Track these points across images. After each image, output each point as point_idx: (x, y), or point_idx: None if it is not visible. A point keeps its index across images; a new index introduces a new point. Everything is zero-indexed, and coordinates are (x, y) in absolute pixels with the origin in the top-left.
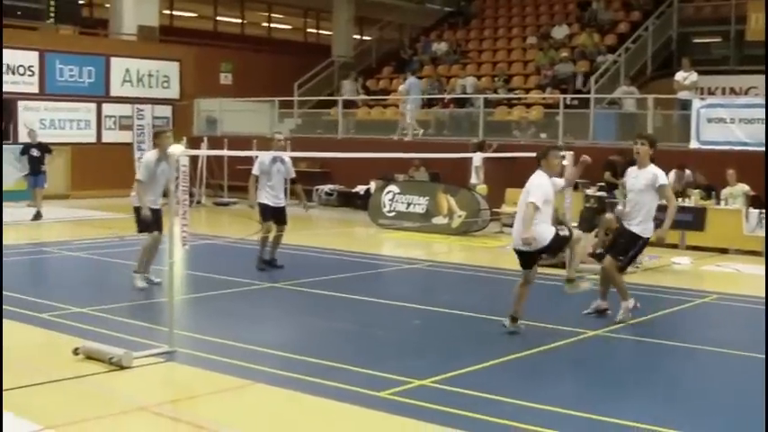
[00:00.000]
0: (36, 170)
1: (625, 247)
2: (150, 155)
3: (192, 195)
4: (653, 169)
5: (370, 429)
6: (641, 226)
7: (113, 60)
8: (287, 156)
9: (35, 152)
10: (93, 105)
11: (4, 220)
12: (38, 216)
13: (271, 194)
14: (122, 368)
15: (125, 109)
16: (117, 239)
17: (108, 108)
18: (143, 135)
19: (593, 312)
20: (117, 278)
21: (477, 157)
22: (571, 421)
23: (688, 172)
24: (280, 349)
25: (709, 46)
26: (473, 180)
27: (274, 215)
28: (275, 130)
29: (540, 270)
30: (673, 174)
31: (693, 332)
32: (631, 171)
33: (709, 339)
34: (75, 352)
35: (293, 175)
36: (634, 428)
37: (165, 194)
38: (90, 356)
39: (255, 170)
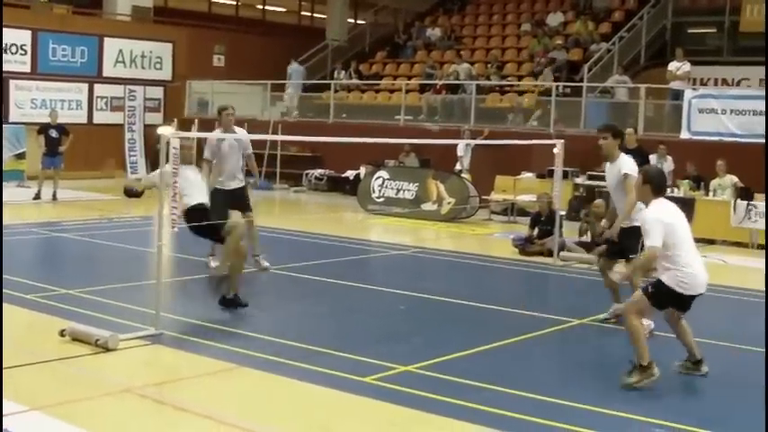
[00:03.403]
0: (54, 151)
1: (635, 244)
2: (213, 133)
3: None
4: (621, 160)
5: (355, 414)
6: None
7: (107, 41)
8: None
9: (54, 133)
10: (84, 86)
11: None
12: (54, 197)
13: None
14: (108, 350)
15: (117, 90)
16: (106, 221)
17: (100, 89)
18: (134, 116)
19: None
20: (105, 260)
21: (461, 146)
22: (554, 409)
23: (669, 158)
24: (265, 333)
25: (703, 36)
26: (457, 167)
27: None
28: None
29: (526, 258)
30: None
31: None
32: (606, 167)
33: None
34: (62, 334)
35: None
36: (618, 417)
37: (249, 173)
38: (76, 338)
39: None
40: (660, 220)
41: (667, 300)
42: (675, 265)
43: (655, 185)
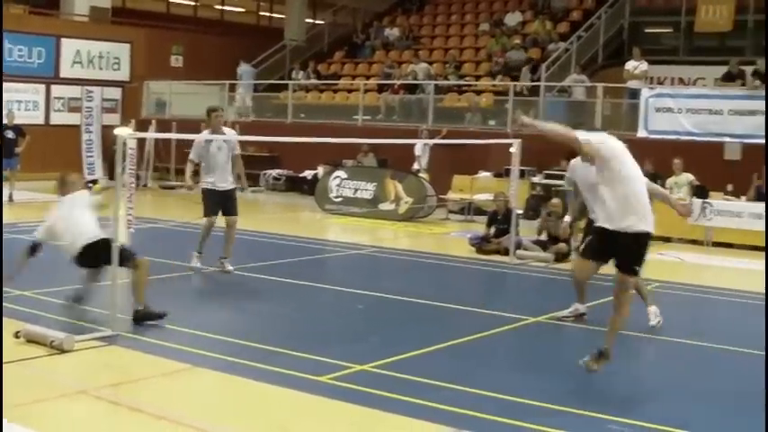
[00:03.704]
0: (10, 153)
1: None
2: (201, 135)
3: (138, 178)
4: None
5: (312, 414)
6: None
7: (64, 41)
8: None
9: (10, 134)
10: (42, 86)
11: None
12: (11, 199)
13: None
14: (63, 352)
15: (74, 90)
16: None
17: (57, 89)
18: (91, 117)
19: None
20: (61, 262)
21: (418, 145)
22: (512, 407)
23: None
24: (222, 334)
25: (659, 36)
26: (415, 166)
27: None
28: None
29: (483, 257)
30: None
31: (634, 320)
32: (577, 164)
33: (649, 326)
34: (17, 335)
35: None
36: (574, 414)
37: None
38: (31, 340)
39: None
40: (604, 142)
41: (594, 240)
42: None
43: None
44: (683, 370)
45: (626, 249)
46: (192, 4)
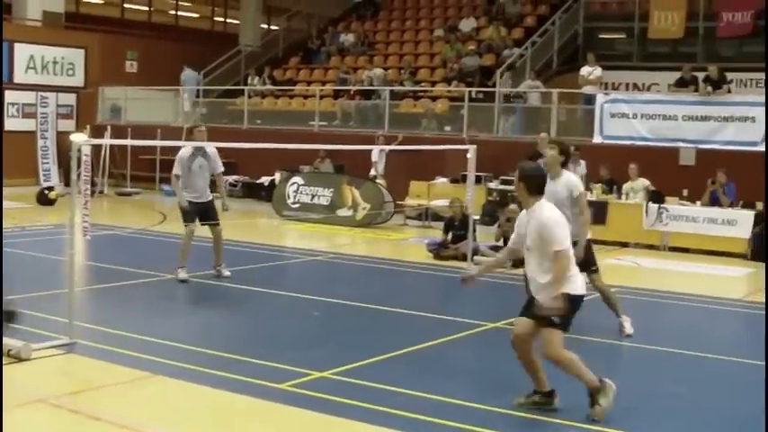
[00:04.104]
0: None
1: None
2: (184, 150)
3: (94, 185)
4: (567, 177)
5: (270, 421)
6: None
7: (17, 46)
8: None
9: None
10: None
11: None
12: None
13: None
14: (21, 360)
15: (29, 96)
16: (18, 229)
17: (11, 95)
18: (46, 123)
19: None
20: (17, 269)
21: (375, 151)
22: (467, 412)
23: (582, 162)
24: (180, 341)
25: (613, 42)
26: (372, 173)
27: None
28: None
29: (440, 262)
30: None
31: (592, 325)
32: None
33: (607, 332)
34: None
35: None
36: (532, 420)
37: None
38: None
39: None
40: (561, 222)
41: (572, 312)
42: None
43: (529, 185)
44: (637, 373)
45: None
46: (146, 9)
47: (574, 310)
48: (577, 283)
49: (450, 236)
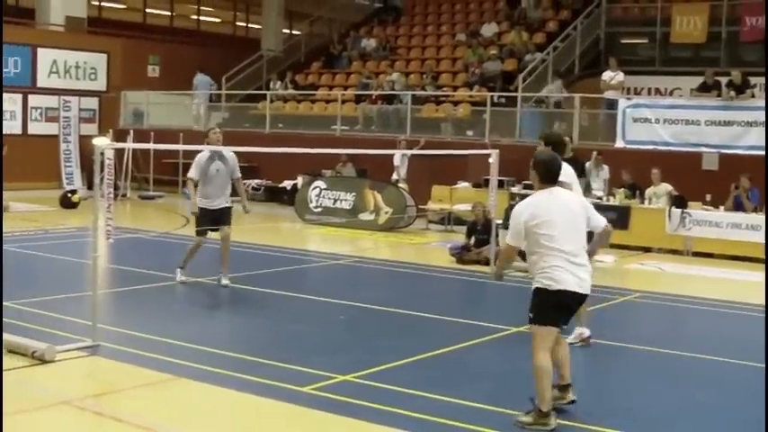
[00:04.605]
0: None
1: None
2: (202, 153)
3: (116, 188)
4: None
5: (293, 424)
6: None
7: (40, 51)
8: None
9: None
10: (18, 96)
11: None
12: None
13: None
14: (45, 362)
15: (52, 100)
16: (42, 232)
17: (34, 99)
18: (69, 127)
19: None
20: (41, 271)
21: (397, 156)
22: (488, 416)
23: (605, 167)
24: (203, 344)
25: (635, 47)
26: (394, 177)
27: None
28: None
29: (463, 267)
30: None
31: (616, 330)
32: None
33: (631, 337)
34: None
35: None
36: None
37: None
38: (12, 350)
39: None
40: (522, 213)
41: (549, 307)
42: (545, 263)
43: (541, 172)
44: (662, 380)
45: None
46: (168, 14)
47: (553, 306)
48: (556, 277)
49: (472, 240)
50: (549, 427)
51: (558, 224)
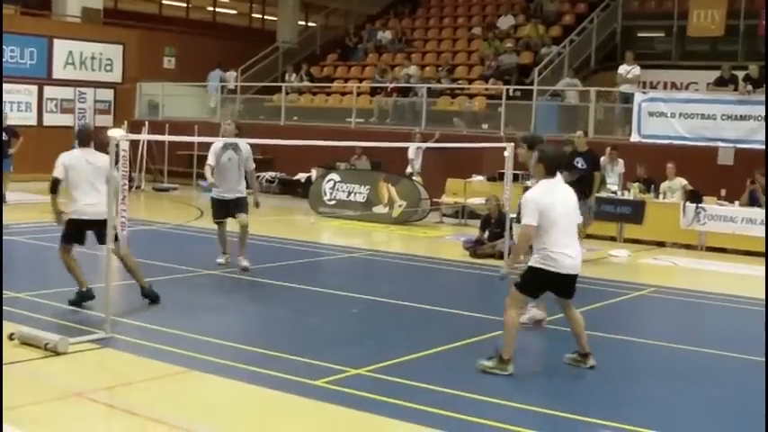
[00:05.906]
0: (2, 154)
1: None
2: (218, 142)
3: (131, 180)
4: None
5: (305, 417)
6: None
7: (56, 42)
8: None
9: (3, 135)
10: (34, 87)
11: None
12: (4, 200)
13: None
14: (58, 354)
15: (67, 92)
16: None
17: (49, 91)
18: (84, 118)
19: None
20: (55, 263)
21: (412, 149)
22: (504, 411)
23: (620, 161)
24: (217, 337)
25: (652, 40)
26: (408, 170)
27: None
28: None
29: (477, 260)
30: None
31: (629, 324)
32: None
33: (644, 332)
34: (11, 337)
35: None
36: (564, 418)
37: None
38: (26, 342)
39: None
40: (535, 199)
41: (538, 283)
42: (543, 245)
43: (547, 165)
44: (676, 375)
45: None
46: (184, 5)
47: (540, 285)
48: (554, 260)
49: (486, 234)
50: (506, 372)
51: (560, 209)
